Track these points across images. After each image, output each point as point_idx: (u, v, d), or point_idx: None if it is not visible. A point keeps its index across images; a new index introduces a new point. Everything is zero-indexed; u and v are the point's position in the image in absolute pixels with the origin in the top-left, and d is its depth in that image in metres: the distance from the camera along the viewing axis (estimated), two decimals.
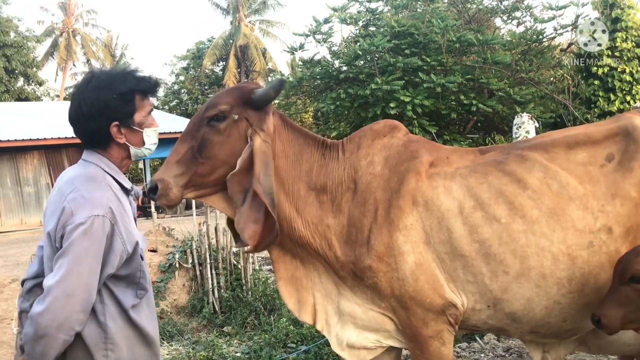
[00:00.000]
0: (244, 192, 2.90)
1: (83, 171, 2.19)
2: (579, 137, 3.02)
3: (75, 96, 2.23)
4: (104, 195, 2.11)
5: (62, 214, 2.04)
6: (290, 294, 3.16)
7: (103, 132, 2.21)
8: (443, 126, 14.62)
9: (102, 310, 2.10)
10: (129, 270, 2.17)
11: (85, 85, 2.21)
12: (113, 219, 2.08)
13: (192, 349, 5.92)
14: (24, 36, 35.97)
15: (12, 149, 20.44)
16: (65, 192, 2.10)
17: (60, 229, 2.03)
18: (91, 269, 2.00)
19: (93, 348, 2.07)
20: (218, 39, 40.09)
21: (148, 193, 2.98)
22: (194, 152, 2.93)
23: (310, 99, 17.16)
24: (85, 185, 2.11)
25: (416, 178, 2.99)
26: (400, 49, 13.90)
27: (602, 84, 15.01)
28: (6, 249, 15.18)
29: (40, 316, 1.93)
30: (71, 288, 1.95)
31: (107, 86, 2.19)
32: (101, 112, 2.17)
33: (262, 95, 2.97)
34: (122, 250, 2.11)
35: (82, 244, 1.99)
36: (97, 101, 2.17)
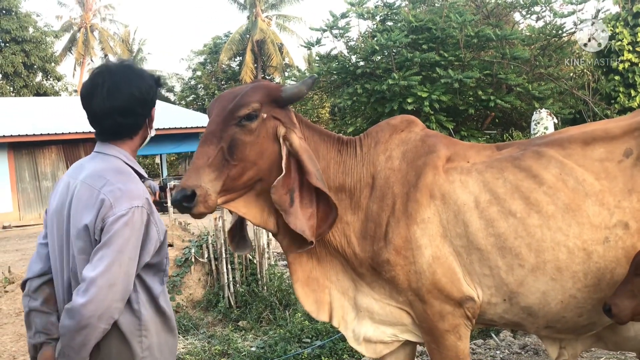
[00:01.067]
0: (289, 193, 2.86)
1: (108, 165, 2.22)
2: (597, 132, 3.01)
3: (120, 85, 2.20)
4: (139, 187, 2.18)
5: (102, 206, 2.09)
6: (307, 296, 3.14)
7: (146, 118, 2.30)
8: (460, 122, 14.53)
9: (135, 298, 2.16)
10: (159, 258, 2.24)
11: (127, 74, 2.23)
12: (149, 209, 2.16)
13: (207, 343, 5.93)
14: (42, 31, 36.31)
15: (30, 144, 20.66)
16: (98, 186, 2.14)
17: (100, 222, 2.08)
18: (131, 258, 2.07)
19: (129, 335, 2.13)
20: (235, 34, 40.18)
21: (182, 201, 2.74)
22: (225, 154, 2.81)
23: (327, 94, 17.14)
24: (118, 177, 2.16)
25: (433, 172, 2.99)
26: (417, 44, 13.82)
27: (623, 79, 14.80)
28: (25, 243, 15.34)
29: (84, 307, 1.98)
30: (114, 278, 2.02)
31: (143, 73, 2.28)
32: (151, 97, 2.28)
33: (294, 93, 2.92)
34: (156, 239, 2.19)
35: (124, 234, 2.06)
36: (148, 87, 2.25)
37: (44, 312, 2.25)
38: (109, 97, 2.19)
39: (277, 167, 2.89)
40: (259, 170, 2.88)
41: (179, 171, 34.38)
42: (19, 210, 20.89)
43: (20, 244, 15.27)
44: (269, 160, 2.91)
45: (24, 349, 6.03)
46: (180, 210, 2.79)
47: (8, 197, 20.70)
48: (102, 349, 2.11)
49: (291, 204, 2.85)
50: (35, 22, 36.09)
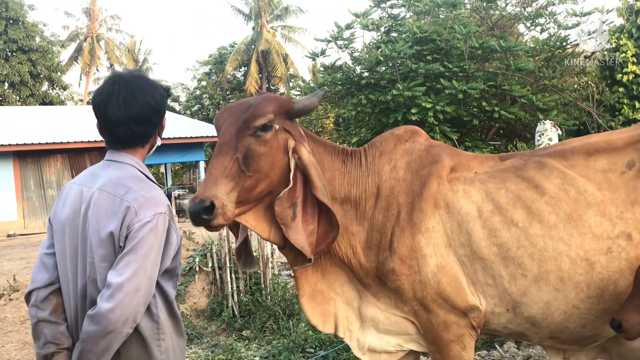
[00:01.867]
0: (292, 206, 2.86)
1: (126, 173, 2.25)
2: (599, 144, 3.03)
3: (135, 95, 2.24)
4: (161, 194, 2.23)
5: (127, 214, 2.12)
6: (314, 309, 3.14)
7: (156, 126, 2.34)
8: (465, 133, 14.54)
9: (154, 302, 2.20)
10: (175, 262, 2.28)
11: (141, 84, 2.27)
12: (170, 215, 2.21)
13: (211, 352, 5.94)
14: (49, 41, 36.50)
15: (36, 152, 20.71)
16: (120, 194, 2.17)
17: (125, 229, 2.12)
18: (154, 263, 2.12)
19: (149, 339, 2.18)
20: (240, 44, 40.34)
21: (200, 213, 2.70)
22: (240, 164, 2.80)
23: (332, 105, 17.18)
24: (139, 185, 2.21)
25: (438, 182, 3.02)
26: (422, 55, 13.86)
27: (627, 91, 14.79)
28: (29, 251, 15.36)
29: (111, 312, 2.01)
30: (139, 283, 2.06)
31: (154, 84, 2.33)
32: (163, 107, 2.32)
33: (306, 105, 2.93)
34: (176, 244, 2.24)
35: (149, 240, 2.10)
36: (161, 97, 2.30)
37: (52, 322, 2.26)
38: (126, 105, 2.22)
39: (285, 179, 2.90)
40: (270, 183, 2.89)
41: (183, 180, 34.43)
42: (24, 218, 20.92)
43: (25, 252, 15.29)
44: (279, 173, 2.91)
45: (28, 357, 6.05)
46: (198, 222, 2.75)
47: (13, 205, 20.74)
48: (122, 353, 2.14)
49: (293, 218, 2.85)
50: (42, 32, 36.29)
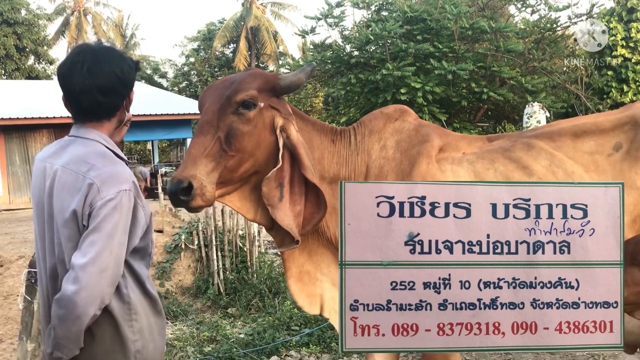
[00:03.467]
0: (280, 187, 2.80)
1: (91, 149, 2.16)
2: (587, 126, 3.04)
3: (100, 65, 2.15)
4: (125, 171, 2.14)
5: (89, 191, 2.04)
6: (300, 290, 3.11)
7: (123, 98, 2.23)
8: (453, 114, 14.56)
9: (124, 282, 2.13)
10: (145, 242, 2.21)
11: (108, 54, 2.19)
12: (136, 193, 2.12)
13: (196, 329, 5.94)
14: (35, 14, 36.00)
15: (21, 127, 20.52)
16: (82, 171, 2.09)
17: (88, 207, 2.04)
18: (120, 242, 2.05)
19: (120, 320, 2.12)
20: (229, 20, 39.96)
21: (177, 194, 2.66)
22: (222, 143, 2.74)
23: (321, 84, 17.12)
24: (103, 162, 2.12)
25: (427, 161, 3.00)
26: (412, 35, 13.82)
27: (616, 74, 14.87)
28: (15, 227, 15.27)
29: (77, 294, 1.95)
30: (104, 263, 1.99)
31: (123, 55, 2.23)
32: (132, 78, 2.23)
33: (293, 82, 2.86)
34: (144, 223, 2.16)
35: (113, 219, 2.03)
36: (128, 67, 2.21)
37: None
38: (90, 74, 2.14)
39: (273, 159, 2.83)
40: (255, 162, 2.83)
41: (170, 158, 34.28)
42: (9, 194, 20.77)
43: (10, 227, 15.20)
44: (266, 152, 2.84)
45: (11, 333, 6.02)
46: (176, 203, 2.71)
47: None
48: (96, 335, 2.10)
49: (280, 199, 2.79)
50: (28, 5, 35.76)
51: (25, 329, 4.25)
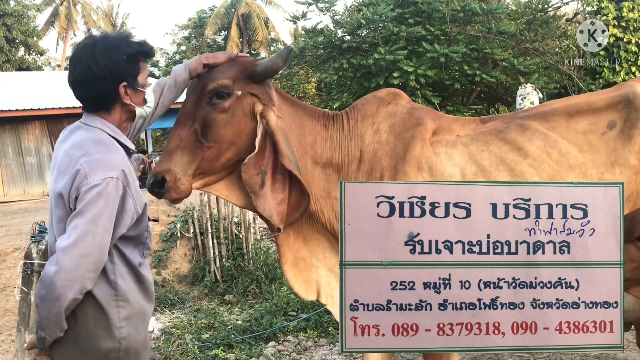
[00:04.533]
0: (261, 174, 2.79)
1: (90, 135, 2.23)
2: (580, 105, 3.04)
3: (81, 58, 2.23)
4: (117, 158, 2.17)
5: (77, 175, 2.10)
6: (296, 276, 3.11)
7: (111, 93, 2.25)
8: (446, 97, 14.54)
9: (112, 269, 2.16)
10: (138, 230, 2.25)
11: (92, 47, 2.23)
12: (125, 181, 2.15)
13: (193, 316, 5.96)
14: (24, 5, 35.70)
15: (13, 119, 20.41)
16: (76, 156, 2.15)
17: (75, 191, 2.09)
18: (105, 229, 2.07)
19: (105, 305, 2.14)
20: (220, 7, 39.73)
21: (152, 188, 2.75)
22: (198, 135, 2.75)
23: (313, 69, 17.06)
24: (96, 148, 2.17)
25: (421, 144, 2.99)
26: (403, 18, 13.77)
27: (608, 54, 14.86)
28: (9, 219, 15.24)
29: (56, 275, 2.00)
30: (86, 248, 2.02)
31: (115, 48, 2.24)
32: (112, 72, 2.22)
33: (269, 67, 2.83)
34: (133, 212, 2.19)
35: (98, 204, 2.06)
36: (109, 62, 2.21)
37: None
38: (72, 68, 2.25)
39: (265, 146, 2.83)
40: (238, 151, 2.82)
41: (164, 147, 34.17)
42: (3, 186, 20.70)
43: (5, 219, 15.17)
44: (248, 139, 2.83)
45: (8, 324, 6.04)
46: (156, 196, 2.77)
47: None
48: (78, 318, 2.13)
49: (261, 186, 2.78)
50: None
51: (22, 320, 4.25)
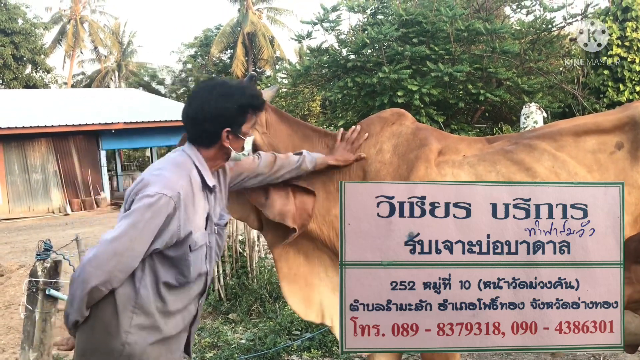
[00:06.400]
0: (263, 189, 2.93)
1: (176, 157, 2.43)
2: (588, 126, 3.02)
3: (197, 97, 2.45)
4: (179, 182, 2.31)
5: (141, 182, 2.30)
6: (294, 293, 3.11)
7: (214, 134, 2.43)
8: (450, 115, 14.58)
9: (140, 277, 2.28)
10: (176, 253, 2.34)
11: (210, 90, 2.44)
12: (178, 203, 2.28)
13: (197, 335, 5.94)
14: (32, 23, 36.01)
15: (20, 136, 20.51)
16: (154, 167, 2.40)
17: (133, 195, 2.28)
18: (142, 238, 2.21)
19: (121, 307, 2.25)
20: (225, 26, 40.03)
21: None
22: None
23: (318, 88, 17.14)
24: (170, 167, 2.36)
25: (425, 165, 2.96)
26: (408, 38, 13.85)
27: (612, 73, 14.89)
28: (14, 236, 15.27)
29: (89, 261, 2.16)
30: (120, 248, 2.18)
31: (230, 96, 2.42)
32: (221, 117, 2.41)
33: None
34: (174, 233, 2.29)
35: (144, 214, 2.20)
36: (221, 107, 2.40)
37: None
38: (188, 104, 2.48)
39: None
40: None
41: None
42: (8, 203, 20.75)
43: (10, 237, 15.20)
44: None
45: (13, 342, 6.02)
46: None
47: None
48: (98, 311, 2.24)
49: (266, 198, 2.90)
50: (25, 14, 35.77)
51: (27, 338, 4.26)
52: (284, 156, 2.92)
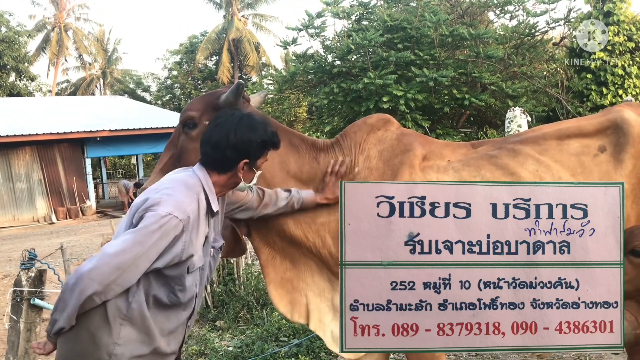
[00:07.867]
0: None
1: (186, 178, 2.45)
2: (571, 130, 3.05)
3: (224, 124, 2.48)
4: (190, 205, 2.35)
5: (151, 199, 2.30)
6: (281, 297, 3.11)
7: (233, 162, 2.48)
8: (436, 120, 14.65)
9: (134, 291, 2.29)
10: (173, 273, 2.36)
11: (237, 120, 2.50)
12: (186, 227, 2.31)
13: (184, 343, 5.91)
14: (15, 31, 35.72)
15: (4, 145, 20.34)
16: (163, 185, 2.40)
17: (142, 211, 2.28)
18: (147, 256, 2.23)
19: (111, 318, 2.27)
20: (211, 33, 39.97)
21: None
22: (174, 160, 2.97)
23: (304, 94, 17.17)
24: (180, 188, 2.38)
25: (409, 171, 2.97)
26: (393, 43, 13.91)
27: (595, 77, 15.04)
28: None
29: (87, 270, 2.14)
30: (124, 264, 2.18)
31: (255, 129, 2.49)
32: (243, 148, 2.46)
33: (224, 100, 2.98)
34: (177, 254, 2.32)
35: (153, 232, 2.22)
36: (245, 139, 2.46)
37: None
38: (212, 129, 2.51)
39: None
40: None
41: None
42: None
43: None
44: None
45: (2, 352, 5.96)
46: None
47: None
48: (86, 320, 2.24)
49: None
50: (8, 22, 35.46)
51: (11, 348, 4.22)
52: (273, 192, 2.95)
